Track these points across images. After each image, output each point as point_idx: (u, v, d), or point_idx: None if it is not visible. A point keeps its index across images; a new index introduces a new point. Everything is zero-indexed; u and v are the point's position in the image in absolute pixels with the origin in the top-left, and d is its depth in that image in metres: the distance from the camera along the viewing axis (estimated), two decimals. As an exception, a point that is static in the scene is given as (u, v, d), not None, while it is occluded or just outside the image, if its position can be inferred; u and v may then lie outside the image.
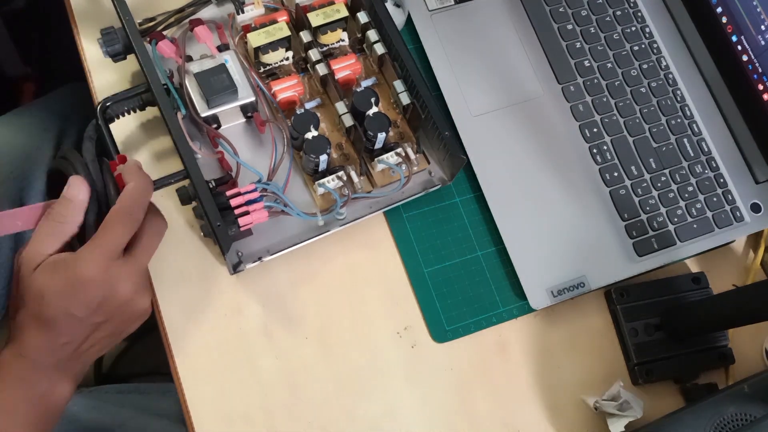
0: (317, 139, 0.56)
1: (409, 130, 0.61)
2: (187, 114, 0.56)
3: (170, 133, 0.55)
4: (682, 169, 0.67)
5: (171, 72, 0.58)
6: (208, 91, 0.56)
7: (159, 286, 0.58)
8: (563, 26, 0.70)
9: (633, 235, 0.64)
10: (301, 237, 0.58)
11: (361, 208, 0.60)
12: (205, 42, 0.59)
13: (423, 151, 0.61)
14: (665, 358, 0.61)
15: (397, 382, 0.59)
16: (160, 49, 0.58)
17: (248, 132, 0.61)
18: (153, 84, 0.55)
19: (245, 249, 0.57)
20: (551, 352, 0.62)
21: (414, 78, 0.59)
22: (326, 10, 0.60)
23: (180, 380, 0.56)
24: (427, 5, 0.69)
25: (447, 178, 0.62)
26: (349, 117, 0.58)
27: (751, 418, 0.52)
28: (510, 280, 0.63)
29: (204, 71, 0.57)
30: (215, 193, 0.54)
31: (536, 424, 0.59)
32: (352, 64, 0.60)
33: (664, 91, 0.69)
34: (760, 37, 0.66)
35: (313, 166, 0.57)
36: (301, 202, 0.59)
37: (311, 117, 0.57)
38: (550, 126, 0.67)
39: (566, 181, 0.65)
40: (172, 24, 0.60)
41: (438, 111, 0.58)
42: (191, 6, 0.61)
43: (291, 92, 0.59)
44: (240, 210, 0.54)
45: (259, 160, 0.59)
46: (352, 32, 0.63)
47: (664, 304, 0.62)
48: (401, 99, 0.59)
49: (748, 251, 0.68)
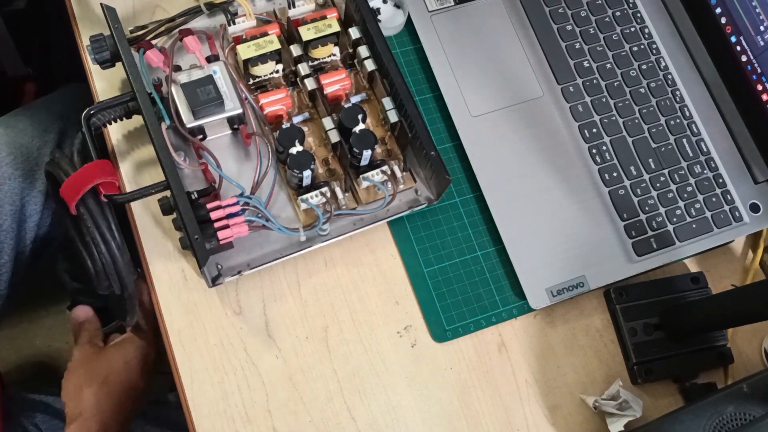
0: (301, 155, 0.55)
1: (397, 148, 0.61)
2: (171, 124, 0.56)
3: (153, 143, 0.54)
4: (681, 170, 0.67)
5: (160, 81, 0.58)
6: (194, 102, 0.55)
7: (159, 285, 0.58)
8: (563, 27, 0.70)
9: (632, 235, 0.64)
10: (283, 252, 0.57)
11: (345, 224, 0.59)
12: (194, 52, 0.58)
13: (410, 169, 0.60)
14: (664, 357, 0.61)
15: (397, 381, 0.59)
16: (147, 58, 0.57)
17: (234, 144, 0.60)
18: (138, 93, 0.55)
19: (225, 262, 0.56)
20: (551, 351, 0.62)
21: (402, 96, 0.58)
22: (318, 25, 0.59)
23: (180, 380, 0.56)
24: (426, 6, 0.69)
25: (433, 198, 0.61)
26: (336, 133, 0.58)
27: (750, 418, 0.52)
28: (509, 280, 0.63)
29: (191, 82, 0.56)
30: (195, 205, 0.53)
31: (536, 424, 0.59)
32: (341, 79, 0.60)
33: (663, 92, 0.69)
34: (759, 37, 0.66)
35: (297, 181, 0.57)
36: (284, 216, 0.58)
37: (296, 132, 0.56)
38: (550, 126, 0.67)
39: (565, 182, 0.65)
40: (163, 33, 0.60)
41: (425, 130, 0.57)
42: (183, 16, 0.60)
43: (278, 106, 0.59)
44: (220, 223, 0.53)
45: (245, 172, 0.59)
46: (344, 47, 0.62)
47: (663, 304, 0.62)
48: (389, 116, 0.59)
49: (747, 251, 0.68)
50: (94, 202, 0.51)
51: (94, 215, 0.51)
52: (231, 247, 0.56)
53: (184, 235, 0.53)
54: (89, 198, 0.51)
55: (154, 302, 0.58)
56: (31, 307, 1.15)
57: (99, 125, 0.56)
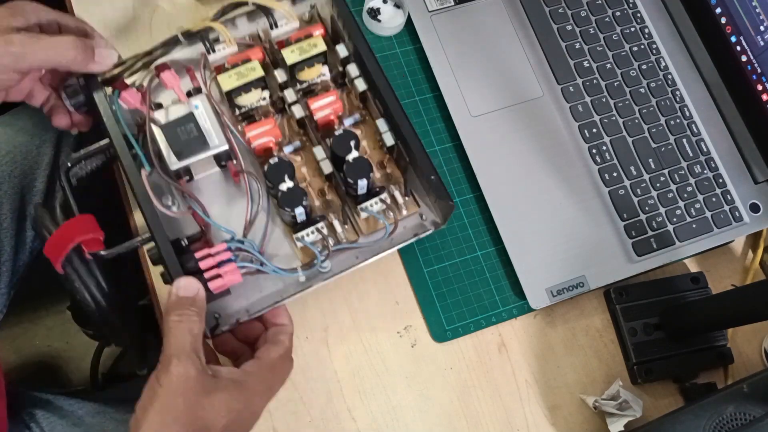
0: (292, 191, 0.51)
1: (397, 171, 0.57)
2: (152, 171, 0.52)
3: (133, 193, 0.51)
4: (681, 170, 0.67)
5: (143, 120, 0.54)
6: (176, 144, 0.52)
7: (158, 284, 0.58)
8: (563, 27, 0.70)
9: (632, 235, 0.64)
10: (283, 294, 0.53)
11: (347, 258, 0.54)
12: (173, 88, 0.54)
13: (413, 193, 0.56)
14: (664, 357, 0.61)
15: (397, 381, 0.59)
16: (123, 99, 0.53)
17: (224, 181, 0.56)
18: (114, 139, 0.51)
19: (223, 310, 0.52)
20: (551, 351, 0.62)
21: (396, 117, 0.54)
22: (302, 45, 0.55)
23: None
24: (426, 6, 0.69)
25: (440, 222, 0.56)
26: (328, 164, 0.54)
27: (750, 418, 0.52)
28: (509, 280, 0.63)
29: (170, 122, 0.52)
30: (184, 255, 0.50)
31: (536, 424, 0.59)
32: (332, 102, 0.55)
33: (663, 92, 0.69)
34: (759, 37, 0.66)
35: (291, 218, 0.53)
36: (282, 254, 0.54)
37: (285, 166, 0.52)
38: (550, 126, 0.67)
39: (565, 182, 0.65)
40: (141, 68, 0.55)
41: (423, 153, 0.53)
42: (161, 47, 0.55)
43: (266, 138, 0.54)
44: (210, 273, 0.49)
45: (236, 210, 0.55)
46: (334, 65, 0.58)
47: (664, 304, 0.62)
48: (385, 139, 0.55)
49: (747, 251, 0.68)
50: (79, 261, 0.49)
51: (81, 275, 0.49)
52: (228, 293, 0.52)
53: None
54: (74, 256, 0.49)
55: (154, 299, 0.58)
56: (31, 306, 1.15)
57: (82, 175, 0.53)
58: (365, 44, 0.55)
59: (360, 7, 0.68)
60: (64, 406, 0.70)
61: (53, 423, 0.70)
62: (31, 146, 0.73)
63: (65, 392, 0.74)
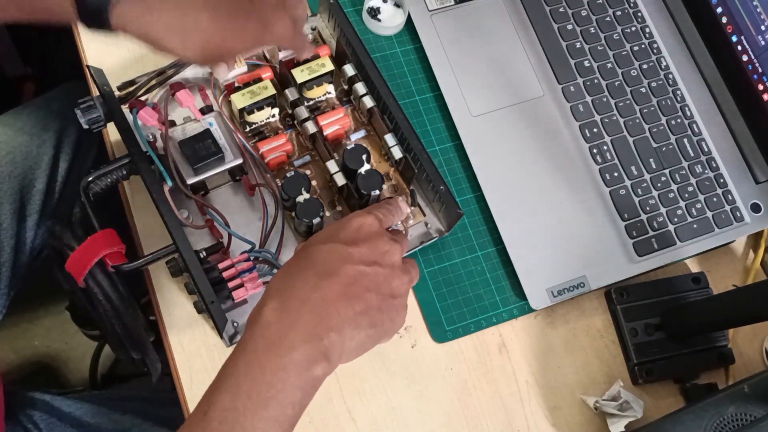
0: (309, 203, 0.54)
1: (403, 182, 0.60)
2: (173, 185, 0.54)
3: (156, 207, 0.53)
4: (682, 169, 0.67)
5: (154, 137, 0.56)
6: (194, 159, 0.54)
7: (158, 284, 0.58)
8: (563, 26, 0.70)
9: (633, 235, 0.64)
10: None
11: None
12: (188, 106, 0.57)
13: (418, 203, 0.60)
14: (665, 358, 0.61)
15: (397, 382, 0.59)
16: (141, 117, 0.55)
17: (238, 193, 0.59)
18: (136, 156, 0.53)
19: (240, 318, 0.54)
20: (551, 352, 0.62)
21: (405, 131, 0.58)
22: (311, 65, 0.58)
23: (180, 380, 0.56)
24: (427, 5, 0.69)
25: (444, 229, 0.61)
26: (341, 176, 0.57)
27: (750, 418, 0.52)
28: (510, 280, 0.63)
29: (188, 138, 0.55)
30: (207, 267, 0.52)
31: (536, 425, 0.59)
32: (340, 118, 0.59)
33: (664, 92, 0.69)
34: (760, 37, 0.66)
35: (306, 228, 0.56)
36: None
37: (301, 179, 0.55)
38: (550, 126, 0.67)
39: (566, 182, 0.65)
40: (154, 87, 0.58)
41: (431, 164, 0.57)
42: (172, 67, 0.58)
43: (279, 152, 0.58)
44: (234, 282, 0.52)
45: (252, 222, 0.58)
46: (338, 83, 0.61)
47: (664, 304, 0.62)
48: (393, 153, 0.58)
49: (748, 251, 0.68)
50: (102, 275, 0.50)
51: (104, 288, 0.50)
52: (245, 302, 0.55)
53: (199, 299, 0.52)
54: (97, 270, 0.50)
55: (153, 299, 0.58)
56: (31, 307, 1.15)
57: (98, 191, 0.55)
58: (371, 62, 0.59)
59: (360, 7, 0.68)
60: (62, 407, 0.70)
61: (52, 424, 0.70)
62: (31, 146, 0.73)
63: (64, 393, 0.74)
